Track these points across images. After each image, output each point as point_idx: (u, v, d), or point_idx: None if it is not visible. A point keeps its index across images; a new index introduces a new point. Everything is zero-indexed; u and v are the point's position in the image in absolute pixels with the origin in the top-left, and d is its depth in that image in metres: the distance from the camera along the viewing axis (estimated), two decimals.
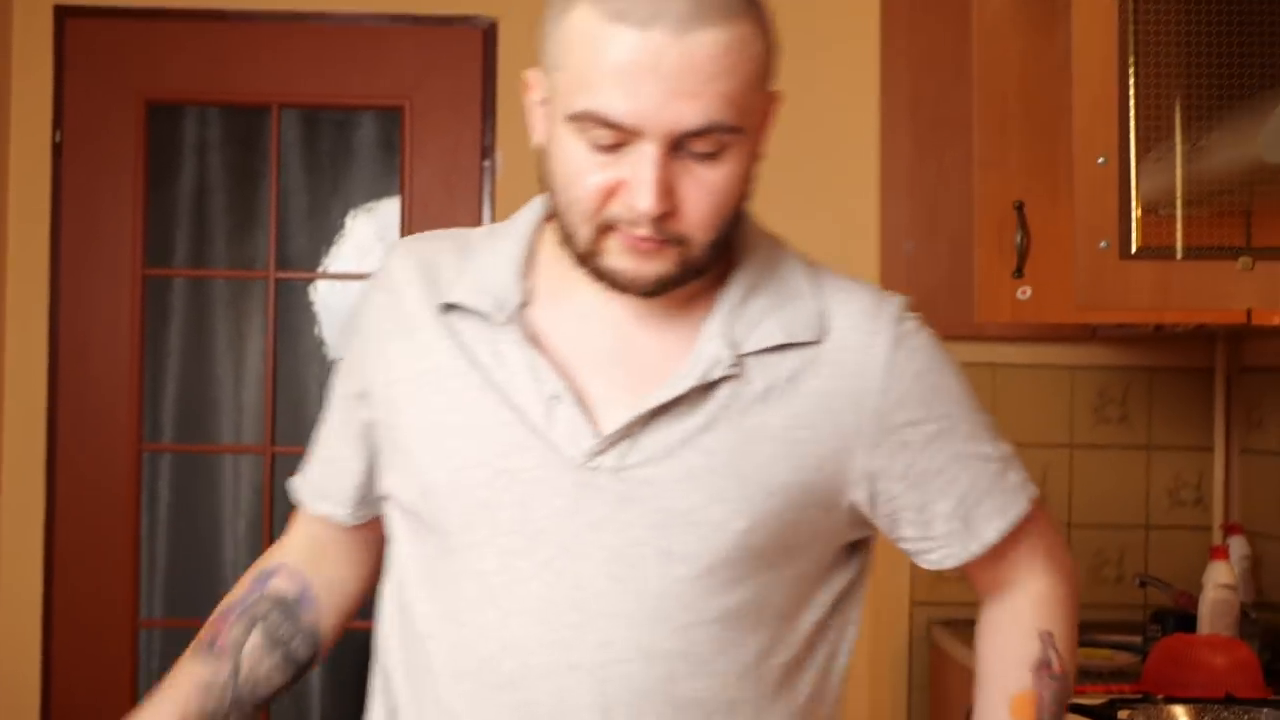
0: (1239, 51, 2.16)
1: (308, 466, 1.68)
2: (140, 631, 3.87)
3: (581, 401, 1.44)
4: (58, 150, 3.80)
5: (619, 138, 1.34)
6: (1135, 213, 2.15)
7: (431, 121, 3.84)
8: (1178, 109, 2.16)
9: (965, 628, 3.38)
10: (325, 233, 3.97)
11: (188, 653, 1.61)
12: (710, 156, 1.36)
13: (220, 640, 1.60)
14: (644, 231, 1.36)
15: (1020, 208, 2.72)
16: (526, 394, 1.45)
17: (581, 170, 1.37)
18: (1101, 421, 3.55)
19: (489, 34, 3.81)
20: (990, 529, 1.55)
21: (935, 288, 3.46)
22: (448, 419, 1.47)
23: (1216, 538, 3.45)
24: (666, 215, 1.36)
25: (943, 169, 3.42)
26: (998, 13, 2.74)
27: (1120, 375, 3.55)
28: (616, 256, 1.40)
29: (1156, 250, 2.16)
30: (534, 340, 1.47)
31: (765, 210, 4.19)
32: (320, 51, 3.84)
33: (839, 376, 1.46)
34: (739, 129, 1.36)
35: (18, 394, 3.79)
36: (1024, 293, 2.72)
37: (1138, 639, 3.19)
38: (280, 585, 1.64)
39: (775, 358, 1.46)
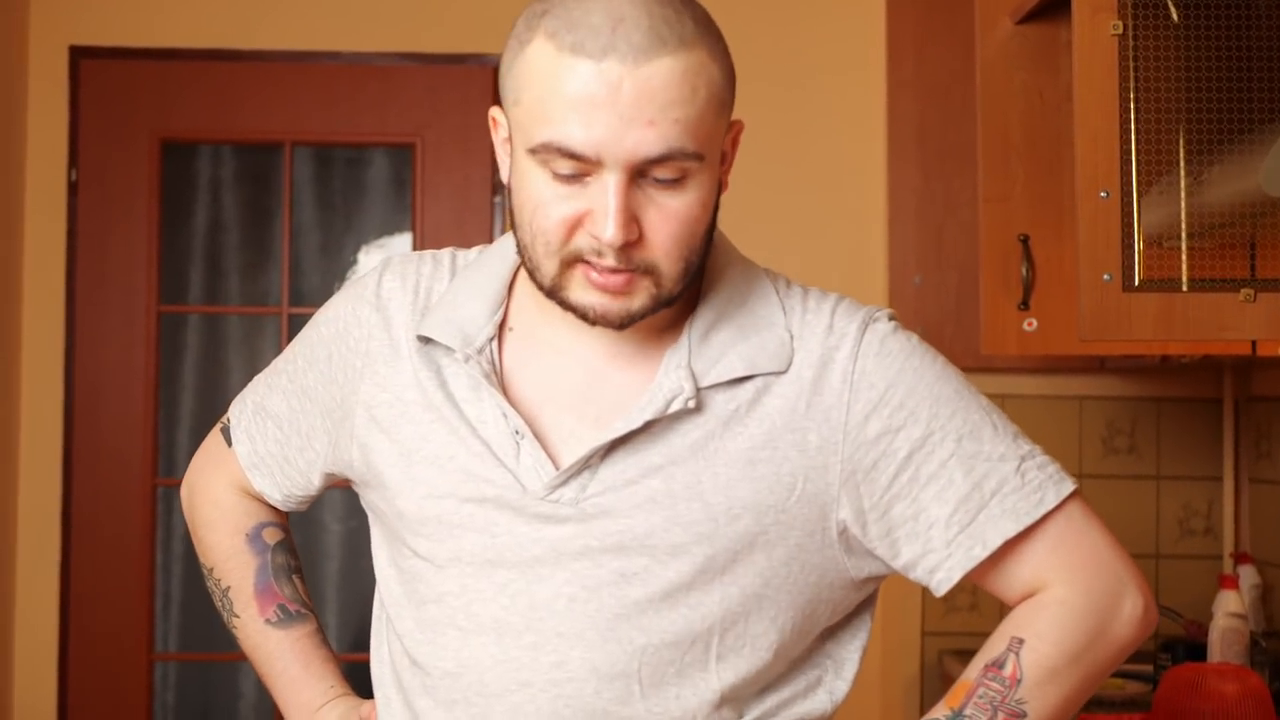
0: (1240, 85, 2.17)
1: (258, 426, 1.70)
2: (155, 665, 3.89)
3: (544, 438, 1.46)
4: (73, 188, 3.83)
5: (580, 168, 1.36)
6: (1138, 246, 2.16)
7: (442, 159, 3.87)
8: (1181, 142, 2.18)
9: None
10: (338, 269, 4.00)
11: (272, 632, 1.69)
12: (672, 184, 1.37)
13: (290, 605, 1.69)
14: (610, 262, 1.37)
15: (1025, 241, 2.73)
16: (495, 427, 1.47)
17: (545, 202, 1.38)
18: (1110, 452, 3.56)
19: (498, 72, 3.84)
20: (995, 532, 1.45)
21: (944, 319, 3.48)
22: (421, 448, 1.49)
23: (1226, 567, 3.45)
24: (631, 244, 1.37)
25: (950, 198, 3.44)
26: (1000, 47, 2.76)
27: (1129, 406, 3.56)
28: (582, 292, 1.40)
29: (1160, 283, 2.17)
30: (501, 376, 1.49)
31: (773, 242, 4.21)
32: (332, 90, 3.87)
33: (800, 395, 1.45)
34: (699, 156, 1.38)
35: (34, 429, 3.82)
36: (1030, 325, 2.73)
37: (1148, 668, 3.19)
38: (273, 534, 1.72)
39: (738, 387, 1.46)
